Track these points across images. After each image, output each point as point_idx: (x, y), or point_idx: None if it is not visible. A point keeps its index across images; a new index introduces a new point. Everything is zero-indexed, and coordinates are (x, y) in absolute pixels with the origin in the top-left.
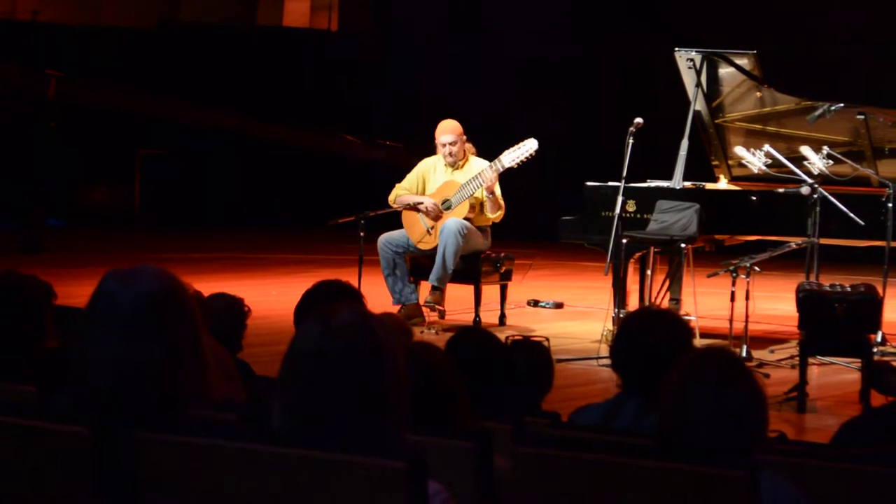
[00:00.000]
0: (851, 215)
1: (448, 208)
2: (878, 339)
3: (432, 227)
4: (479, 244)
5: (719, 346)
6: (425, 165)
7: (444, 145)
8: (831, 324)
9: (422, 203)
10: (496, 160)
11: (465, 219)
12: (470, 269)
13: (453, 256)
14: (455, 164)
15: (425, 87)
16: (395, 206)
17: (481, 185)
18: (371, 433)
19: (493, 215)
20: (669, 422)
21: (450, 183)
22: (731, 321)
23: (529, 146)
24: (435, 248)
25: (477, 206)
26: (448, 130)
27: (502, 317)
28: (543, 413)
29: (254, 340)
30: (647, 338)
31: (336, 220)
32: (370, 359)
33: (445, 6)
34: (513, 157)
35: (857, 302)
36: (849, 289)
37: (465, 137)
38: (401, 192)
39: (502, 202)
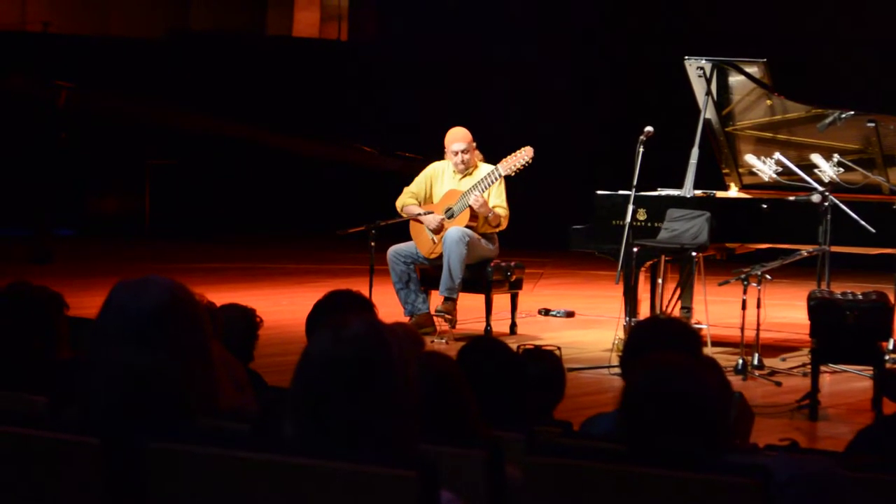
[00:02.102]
0: (862, 223)
1: (451, 217)
2: (890, 346)
3: (438, 238)
4: (486, 251)
5: (672, 352)
6: (433, 170)
7: (455, 153)
8: (843, 331)
9: (425, 217)
10: (493, 169)
11: (469, 227)
12: (480, 278)
13: (458, 265)
14: (465, 172)
15: (434, 95)
16: (402, 214)
17: (483, 191)
18: (383, 442)
19: (496, 224)
20: (631, 425)
21: (453, 192)
22: (742, 329)
23: (525, 154)
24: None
25: (480, 217)
26: (459, 138)
27: (513, 326)
28: (555, 422)
29: (265, 351)
30: (655, 347)
31: (346, 229)
32: (381, 368)
33: (452, 13)
34: (509, 165)
35: (868, 309)
36: (860, 296)
37: (474, 144)
38: (408, 201)
39: (502, 209)
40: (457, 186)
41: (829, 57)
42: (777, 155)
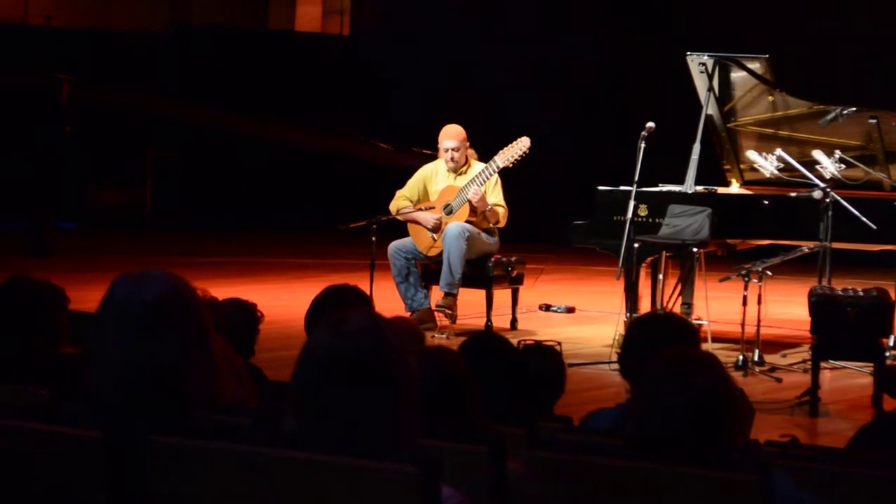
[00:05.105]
0: (864, 219)
1: (450, 213)
2: (891, 343)
3: (438, 235)
4: (486, 246)
5: (685, 347)
6: (426, 171)
7: (446, 150)
8: (843, 328)
9: (422, 217)
10: (490, 161)
11: (469, 221)
12: (481, 273)
13: (459, 260)
14: (457, 170)
15: (435, 90)
16: (397, 217)
17: (482, 184)
18: (383, 437)
19: (495, 222)
20: (642, 421)
21: (451, 188)
22: (743, 325)
23: (522, 144)
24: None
25: (479, 211)
26: (451, 136)
27: (514, 321)
28: (556, 417)
29: (266, 345)
30: (652, 343)
31: (348, 224)
32: (382, 363)
33: (454, 9)
34: (506, 156)
35: (869, 306)
36: (861, 293)
37: (468, 143)
38: (401, 203)
39: (501, 208)
40: (453, 184)
41: (830, 53)
42: (778, 151)
